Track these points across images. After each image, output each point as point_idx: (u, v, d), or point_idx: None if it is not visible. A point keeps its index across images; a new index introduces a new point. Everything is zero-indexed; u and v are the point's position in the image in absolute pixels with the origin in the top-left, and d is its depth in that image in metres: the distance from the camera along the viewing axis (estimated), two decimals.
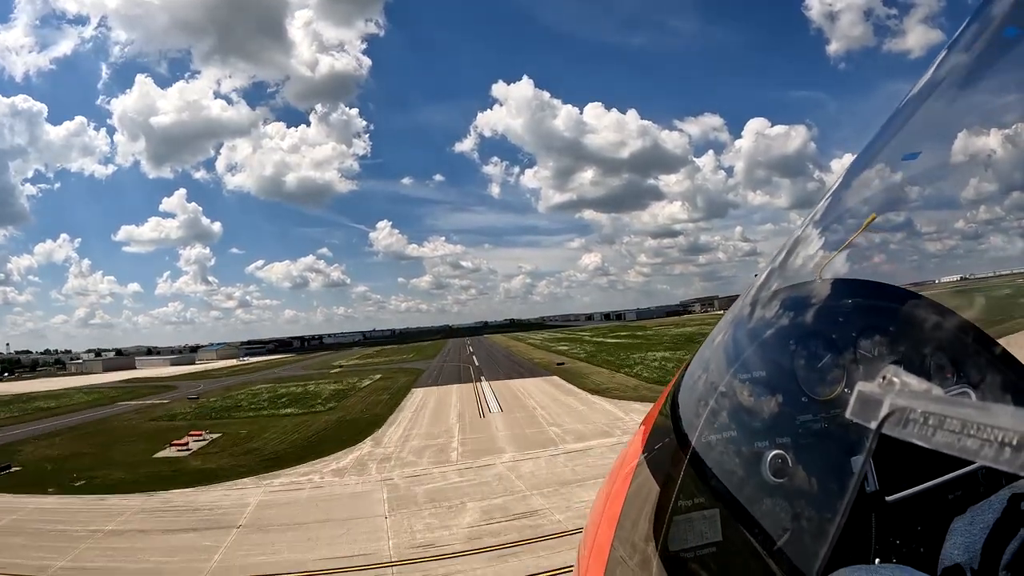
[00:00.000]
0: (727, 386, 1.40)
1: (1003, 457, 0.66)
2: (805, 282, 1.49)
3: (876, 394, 0.89)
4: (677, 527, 1.32)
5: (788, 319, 1.47)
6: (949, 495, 1.53)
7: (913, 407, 0.81)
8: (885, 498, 1.53)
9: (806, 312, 1.48)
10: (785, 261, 1.46)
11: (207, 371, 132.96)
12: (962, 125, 1.27)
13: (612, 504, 1.58)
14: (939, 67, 1.18)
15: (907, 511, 1.52)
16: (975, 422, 0.70)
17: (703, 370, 1.52)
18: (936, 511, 1.47)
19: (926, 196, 1.50)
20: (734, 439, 1.34)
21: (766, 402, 1.39)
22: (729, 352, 1.48)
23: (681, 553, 1.31)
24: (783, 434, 1.34)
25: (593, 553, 1.59)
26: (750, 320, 1.48)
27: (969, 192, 1.51)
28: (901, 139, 1.28)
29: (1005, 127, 1.28)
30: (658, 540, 1.34)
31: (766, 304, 1.46)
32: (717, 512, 1.31)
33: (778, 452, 1.30)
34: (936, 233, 1.69)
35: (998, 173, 1.43)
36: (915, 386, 0.90)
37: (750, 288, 1.52)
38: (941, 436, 0.74)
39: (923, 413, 0.79)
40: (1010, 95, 1.20)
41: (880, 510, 1.51)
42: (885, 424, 0.86)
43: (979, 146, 1.29)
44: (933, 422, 0.76)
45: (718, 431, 1.36)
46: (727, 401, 1.39)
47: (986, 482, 1.52)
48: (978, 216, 1.59)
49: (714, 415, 1.38)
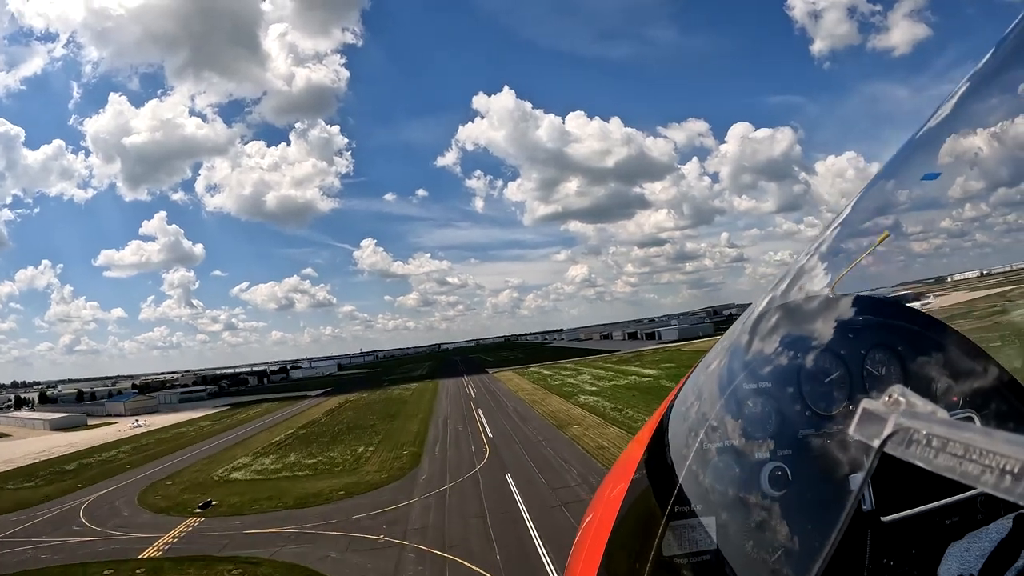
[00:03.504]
0: (731, 395, 1.41)
1: (1003, 485, 0.65)
2: (816, 296, 1.48)
3: (880, 412, 0.89)
4: (672, 532, 1.33)
5: (797, 332, 1.47)
6: (947, 520, 1.51)
7: (917, 428, 0.80)
8: (881, 518, 1.50)
9: (815, 326, 1.48)
10: (797, 274, 1.46)
11: (49, 460, 78.53)
12: (982, 148, 1.28)
13: (609, 507, 1.58)
14: (961, 90, 1.19)
15: (903, 533, 1.50)
16: (978, 447, 0.69)
17: (708, 378, 1.54)
18: (932, 535, 1.46)
19: (940, 216, 1.52)
20: (734, 449, 1.35)
21: (769, 413, 1.39)
22: (736, 361, 1.49)
23: (675, 559, 1.32)
24: (784, 447, 1.34)
25: (587, 554, 1.59)
26: (758, 330, 1.47)
27: (981, 211, 1.56)
28: (922, 159, 1.30)
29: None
30: (652, 544, 1.35)
31: (775, 316, 1.46)
32: (713, 520, 1.31)
33: (778, 464, 1.31)
34: (950, 253, 1.71)
35: (1020, 193, 1.52)
36: (920, 407, 0.88)
37: (760, 299, 1.53)
38: (943, 459, 0.73)
39: (926, 435, 0.78)
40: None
41: (876, 529, 1.49)
42: (887, 443, 0.85)
43: (1000, 170, 1.36)
44: (936, 444, 0.75)
45: (719, 440, 1.37)
46: (730, 410, 1.40)
47: (985, 509, 1.50)
48: (995, 236, 1.66)
49: (716, 423, 1.40)
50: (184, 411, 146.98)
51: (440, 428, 73.27)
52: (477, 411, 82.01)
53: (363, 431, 77.50)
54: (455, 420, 77.55)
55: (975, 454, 0.69)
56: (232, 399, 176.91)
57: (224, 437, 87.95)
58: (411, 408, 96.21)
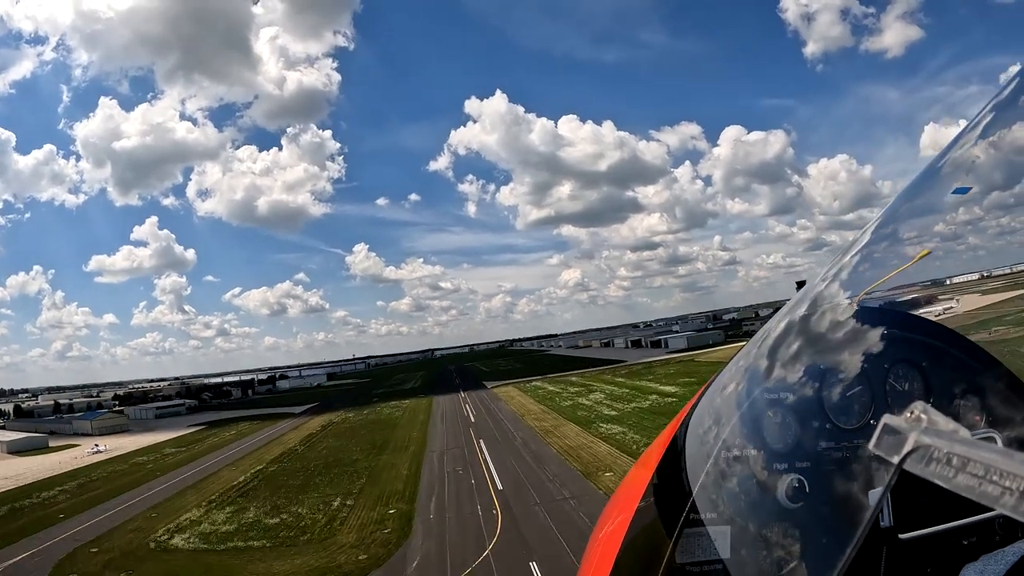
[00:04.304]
0: (751, 405, 1.42)
1: (1023, 507, 0.64)
2: (842, 308, 1.49)
3: (902, 428, 0.88)
4: (687, 540, 1.33)
5: (821, 343, 1.48)
6: (964, 540, 1.49)
7: (938, 446, 0.79)
8: (899, 535, 1.50)
9: (840, 338, 1.49)
10: (826, 284, 1.47)
11: None
12: (1016, 161, 1.31)
13: (624, 511, 1.59)
14: (993, 104, 1.20)
15: (919, 551, 1.49)
16: (999, 468, 0.68)
17: (729, 386, 1.55)
18: (948, 555, 1.46)
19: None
20: (753, 459, 1.35)
21: (789, 424, 1.40)
22: (757, 370, 1.50)
23: (687, 566, 1.32)
24: (803, 459, 1.35)
25: (600, 557, 1.59)
26: (783, 340, 1.49)
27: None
28: (953, 172, 1.30)
29: None
30: (666, 550, 1.34)
31: (801, 326, 1.48)
32: (728, 530, 1.30)
33: (796, 476, 1.31)
34: (1001, 219, 1.70)
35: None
36: (942, 425, 0.87)
37: (782, 310, 1.56)
38: (962, 479, 0.72)
39: (947, 453, 0.77)
40: None
41: (892, 546, 1.48)
42: (907, 460, 0.84)
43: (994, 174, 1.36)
44: (956, 463, 0.74)
45: (738, 449, 1.38)
46: (750, 419, 1.41)
47: (1003, 531, 1.48)
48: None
49: (735, 432, 1.40)
50: (157, 430, 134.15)
51: (435, 469, 60.71)
52: (479, 443, 69.81)
53: (343, 470, 64.91)
54: (453, 457, 65.21)
55: (995, 475, 0.68)
56: (212, 414, 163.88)
57: (183, 473, 75.12)
58: (401, 435, 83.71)
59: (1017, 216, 1.57)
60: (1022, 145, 1.28)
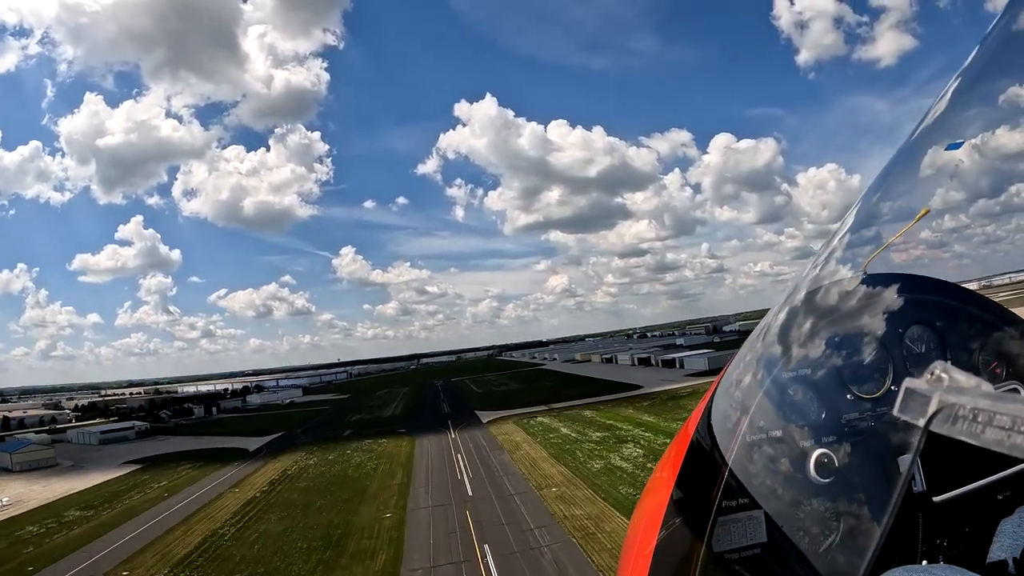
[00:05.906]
0: (771, 385, 1.42)
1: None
2: (850, 278, 1.50)
3: (924, 390, 0.88)
4: (722, 528, 1.32)
5: (833, 315, 1.47)
6: (998, 495, 1.49)
7: (962, 403, 0.79)
8: (932, 498, 1.49)
9: (852, 308, 1.48)
10: (828, 257, 1.46)
11: None
12: (1003, 119, 1.29)
13: (655, 507, 1.61)
14: (976, 58, 1.17)
15: (955, 511, 1.49)
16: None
17: (745, 370, 1.54)
18: (984, 512, 1.45)
19: (973, 189, 1.51)
20: (778, 439, 1.35)
21: (811, 401, 1.40)
22: (773, 351, 1.49)
23: (725, 554, 1.31)
24: (829, 433, 1.35)
25: (636, 555, 1.61)
26: (794, 317, 1.48)
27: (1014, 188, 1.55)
28: (943, 129, 1.28)
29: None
30: (702, 540, 1.33)
31: (810, 300, 1.47)
32: (762, 513, 1.30)
33: (823, 452, 1.30)
34: (986, 227, 1.73)
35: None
36: (964, 382, 0.87)
37: (794, 285, 1.54)
38: (990, 433, 0.72)
39: (972, 410, 0.77)
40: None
41: (927, 510, 1.48)
42: (933, 421, 0.84)
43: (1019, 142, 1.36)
44: (982, 419, 0.74)
45: (762, 431, 1.37)
46: (771, 400, 1.40)
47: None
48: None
49: (758, 415, 1.39)
50: (86, 467, 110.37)
51: None
52: (482, 548, 46.42)
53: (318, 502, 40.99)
54: None
55: (1023, 425, 0.67)
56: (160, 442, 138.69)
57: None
58: (367, 518, 59.55)
59: (1003, 224, 1.55)
60: (1005, 152, 1.29)
